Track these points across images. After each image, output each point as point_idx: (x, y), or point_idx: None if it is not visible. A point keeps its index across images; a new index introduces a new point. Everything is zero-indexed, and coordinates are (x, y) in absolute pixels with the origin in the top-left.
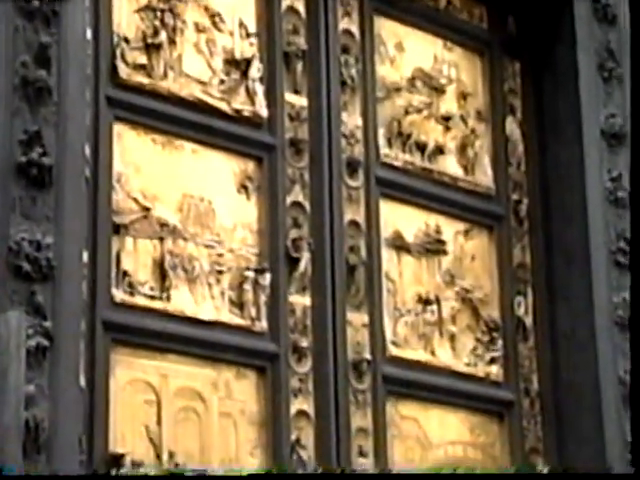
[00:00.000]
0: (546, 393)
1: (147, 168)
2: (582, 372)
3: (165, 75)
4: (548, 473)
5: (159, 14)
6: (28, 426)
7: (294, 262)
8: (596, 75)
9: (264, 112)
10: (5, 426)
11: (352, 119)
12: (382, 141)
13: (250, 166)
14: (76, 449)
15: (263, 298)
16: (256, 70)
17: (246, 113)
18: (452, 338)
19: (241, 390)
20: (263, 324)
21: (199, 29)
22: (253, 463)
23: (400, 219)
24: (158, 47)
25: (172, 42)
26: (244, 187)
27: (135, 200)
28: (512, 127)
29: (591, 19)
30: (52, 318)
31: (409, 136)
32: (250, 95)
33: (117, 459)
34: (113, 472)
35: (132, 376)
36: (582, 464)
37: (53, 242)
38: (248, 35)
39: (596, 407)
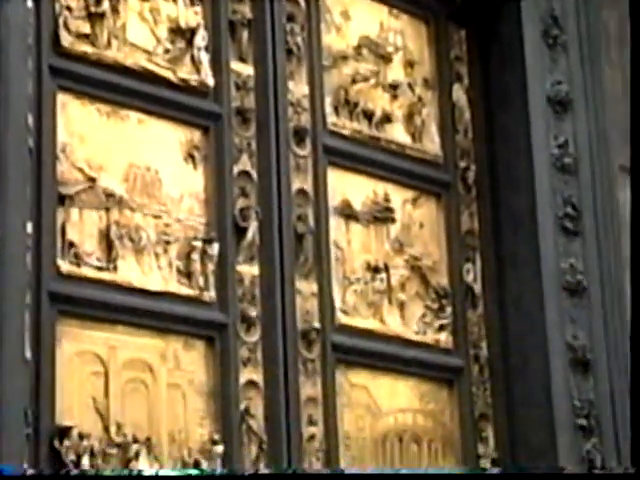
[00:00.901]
0: (495, 359)
1: (92, 138)
2: (530, 338)
3: (109, 44)
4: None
5: None
6: None
7: (242, 231)
8: (541, 42)
9: (210, 81)
10: None
11: (299, 87)
12: (329, 109)
13: (196, 135)
14: (22, 422)
15: (211, 268)
16: (201, 39)
17: (192, 82)
18: (401, 306)
19: (190, 361)
20: (211, 294)
21: None
22: (202, 433)
23: (348, 187)
24: (101, 16)
25: (115, 11)
26: (191, 156)
27: (80, 170)
28: (459, 94)
29: None
30: None
31: (356, 104)
32: (196, 64)
33: (64, 432)
34: (57, 444)
35: (79, 348)
36: (531, 429)
37: None
38: (192, 3)
39: (544, 372)
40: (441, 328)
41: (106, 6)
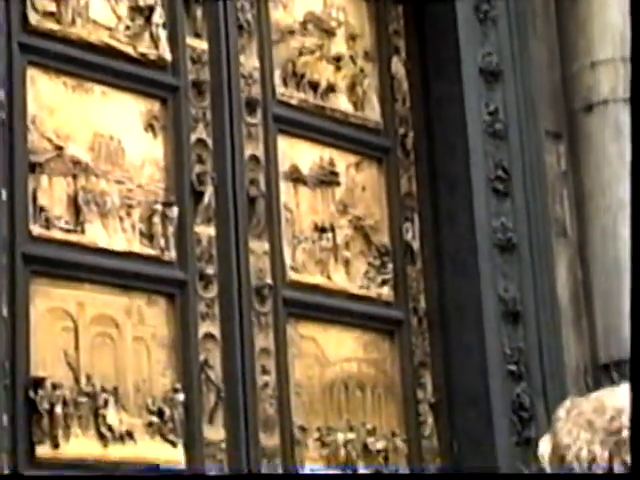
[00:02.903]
0: (433, 312)
1: (60, 110)
2: (466, 291)
3: (73, 22)
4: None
5: None
6: None
7: (199, 195)
8: (472, 17)
9: (167, 55)
10: None
11: (250, 61)
12: (278, 81)
13: (156, 106)
14: (0, 374)
15: (171, 229)
16: (159, 16)
17: (151, 57)
18: (346, 263)
19: (152, 316)
20: (172, 254)
21: None
22: (164, 383)
23: (296, 153)
24: None
25: None
26: (151, 126)
27: (49, 140)
28: (397, 66)
29: None
30: None
31: (303, 76)
32: (154, 40)
33: (38, 382)
34: (32, 394)
35: (51, 305)
36: (466, 375)
37: None
38: None
39: (478, 323)
40: (383, 283)
41: None
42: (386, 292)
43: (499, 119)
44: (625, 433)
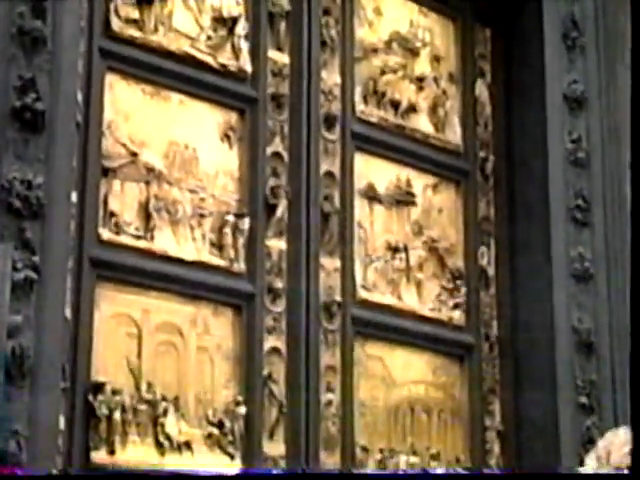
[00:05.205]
0: (504, 338)
1: (136, 116)
2: (539, 320)
3: (156, 30)
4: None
5: None
6: (14, 353)
7: (272, 208)
8: (560, 43)
9: (248, 67)
10: None
11: (331, 77)
12: (358, 98)
13: (233, 117)
14: (59, 376)
15: (242, 241)
16: (242, 28)
17: (231, 68)
18: (418, 284)
19: (218, 327)
20: (241, 265)
21: None
22: (227, 395)
23: (373, 171)
24: (150, 3)
25: None
26: (227, 137)
27: (124, 146)
28: (481, 89)
29: None
30: (40, 253)
31: (384, 94)
32: (235, 51)
33: (98, 387)
34: (91, 398)
35: (116, 310)
36: (535, 405)
37: (43, 182)
38: None
39: (550, 353)
40: (455, 307)
41: None
42: (457, 316)
43: (582, 147)
44: None
